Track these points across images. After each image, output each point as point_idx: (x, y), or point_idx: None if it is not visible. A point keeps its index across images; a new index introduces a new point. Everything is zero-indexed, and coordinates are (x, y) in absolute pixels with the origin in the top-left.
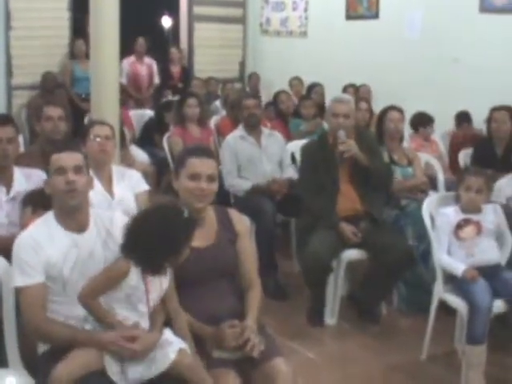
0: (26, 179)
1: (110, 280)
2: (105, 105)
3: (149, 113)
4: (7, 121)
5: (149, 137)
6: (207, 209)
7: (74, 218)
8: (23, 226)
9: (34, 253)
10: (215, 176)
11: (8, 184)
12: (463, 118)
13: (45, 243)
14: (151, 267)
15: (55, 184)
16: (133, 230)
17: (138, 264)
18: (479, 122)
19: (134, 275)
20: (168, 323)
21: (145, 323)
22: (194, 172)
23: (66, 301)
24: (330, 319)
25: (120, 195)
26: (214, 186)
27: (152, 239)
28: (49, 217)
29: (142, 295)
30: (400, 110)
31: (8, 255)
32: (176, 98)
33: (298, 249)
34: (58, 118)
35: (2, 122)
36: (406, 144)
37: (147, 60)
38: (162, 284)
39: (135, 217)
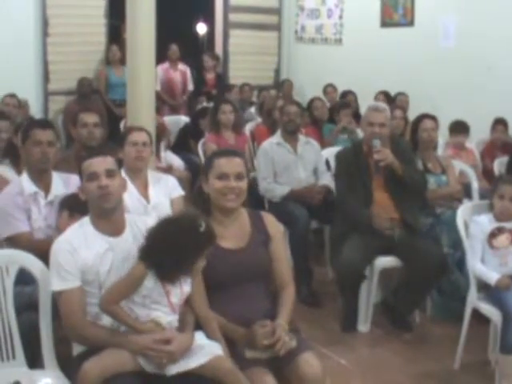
0: (64, 184)
1: (129, 285)
2: (141, 111)
3: (183, 119)
4: (48, 125)
5: (184, 143)
6: (240, 211)
7: (110, 221)
8: (60, 229)
9: (70, 257)
10: (243, 174)
11: (46, 188)
12: (499, 122)
13: (81, 247)
14: (162, 274)
15: (89, 190)
16: (150, 235)
17: (150, 268)
18: None
19: (151, 277)
20: (199, 327)
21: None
22: (222, 171)
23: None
24: (363, 326)
25: (155, 200)
26: (243, 184)
27: (163, 247)
28: (85, 221)
29: (159, 297)
30: (434, 119)
31: (45, 258)
32: (211, 104)
33: (332, 256)
34: (94, 124)
35: (42, 125)
36: (440, 152)
37: (181, 66)
38: (182, 287)
39: (156, 223)
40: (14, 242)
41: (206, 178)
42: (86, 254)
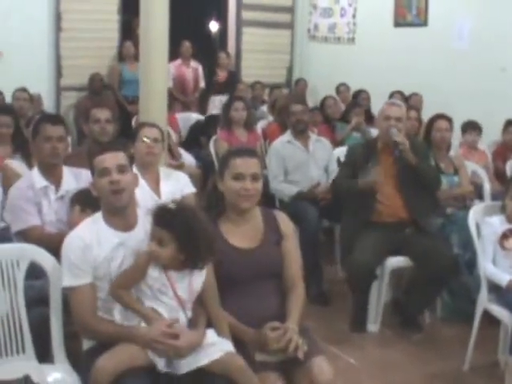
0: (75, 178)
1: (134, 271)
2: (153, 107)
3: (194, 116)
4: (58, 120)
5: (195, 140)
6: (254, 210)
7: (122, 217)
8: (71, 224)
9: (82, 254)
10: (259, 175)
11: (57, 183)
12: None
13: (93, 243)
14: None
15: (100, 185)
16: None
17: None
18: None
19: (156, 267)
20: (211, 325)
21: (176, 316)
22: (238, 172)
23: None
24: (373, 326)
25: (167, 196)
26: (259, 185)
27: None
28: (97, 217)
29: (164, 287)
30: (448, 119)
31: (56, 252)
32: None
33: (343, 255)
34: (106, 120)
35: (53, 121)
36: (453, 152)
37: (193, 63)
38: (191, 283)
39: None
40: (25, 235)
41: (221, 177)
42: (97, 250)
